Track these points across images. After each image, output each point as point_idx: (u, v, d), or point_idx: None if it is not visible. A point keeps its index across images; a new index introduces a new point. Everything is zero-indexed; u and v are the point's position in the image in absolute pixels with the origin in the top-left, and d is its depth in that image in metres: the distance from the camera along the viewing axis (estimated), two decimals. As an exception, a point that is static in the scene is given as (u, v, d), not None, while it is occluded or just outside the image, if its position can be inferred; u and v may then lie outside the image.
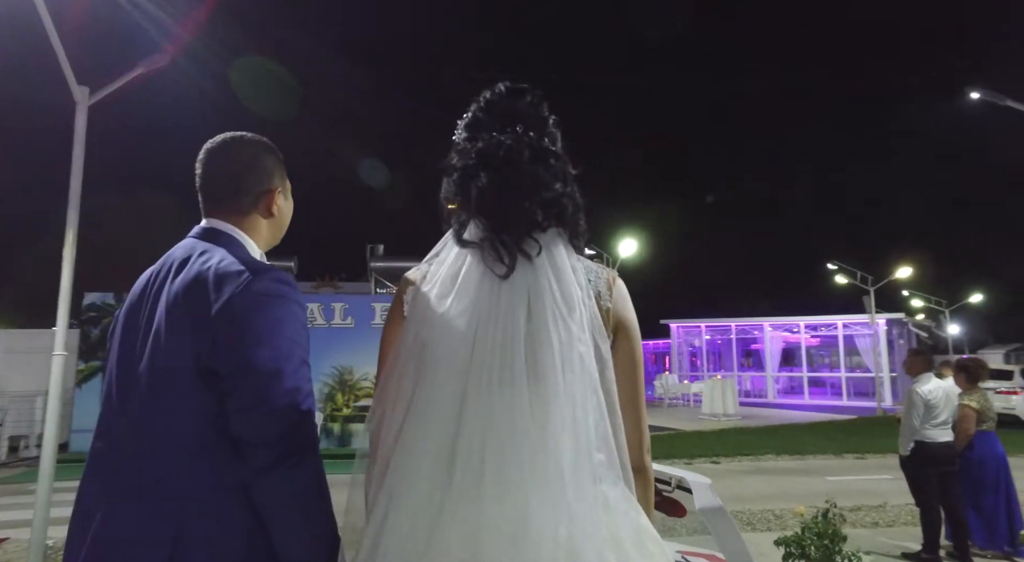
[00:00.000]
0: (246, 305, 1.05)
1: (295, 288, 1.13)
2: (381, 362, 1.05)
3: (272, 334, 1.05)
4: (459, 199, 1.05)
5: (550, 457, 0.88)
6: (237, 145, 1.26)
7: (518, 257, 0.97)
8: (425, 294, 1.01)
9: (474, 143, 1.05)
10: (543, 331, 0.93)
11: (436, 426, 0.91)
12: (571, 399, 0.91)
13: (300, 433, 1.03)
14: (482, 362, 0.92)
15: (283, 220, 1.34)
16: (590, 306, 1.00)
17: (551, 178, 1.02)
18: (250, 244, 1.25)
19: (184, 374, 1.04)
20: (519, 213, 0.99)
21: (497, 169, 1.01)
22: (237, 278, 1.07)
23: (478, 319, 0.94)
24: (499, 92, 1.10)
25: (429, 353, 0.95)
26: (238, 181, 1.24)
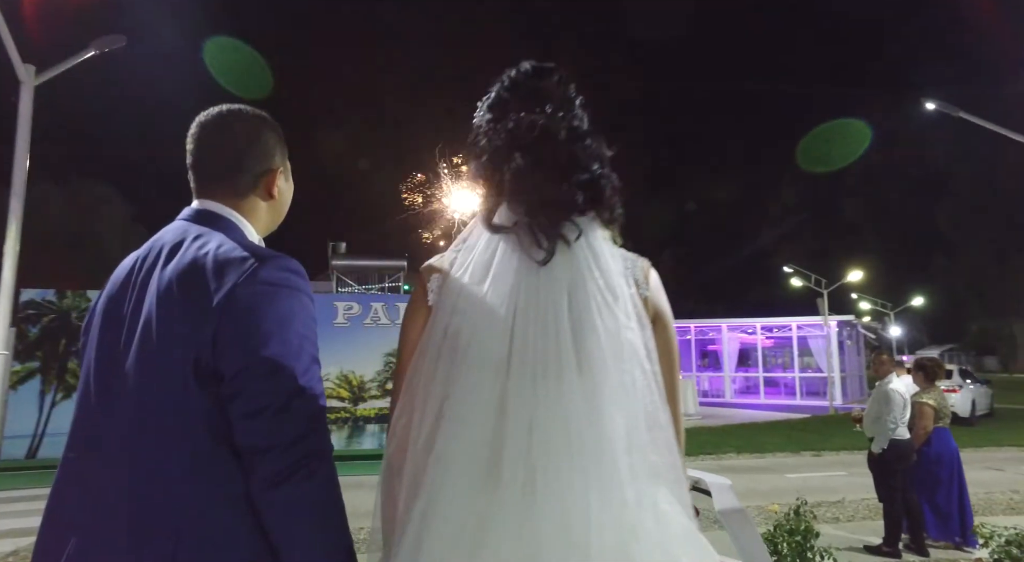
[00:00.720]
0: (252, 296, 0.94)
1: (305, 278, 1.02)
2: (403, 356, 0.97)
3: (282, 329, 0.94)
4: (488, 182, 0.97)
5: (605, 456, 0.82)
6: (235, 118, 1.14)
7: (557, 242, 0.90)
8: (455, 282, 0.93)
9: (501, 123, 0.98)
10: (587, 319, 0.87)
11: (476, 426, 0.84)
12: (623, 391, 0.86)
13: (314, 438, 0.92)
14: (523, 354, 0.85)
15: (283, 204, 1.22)
16: (632, 294, 0.94)
17: (588, 159, 0.96)
18: (248, 229, 1.13)
19: (179, 374, 0.93)
20: (557, 195, 0.93)
21: (532, 149, 0.94)
22: (241, 265, 0.96)
23: (515, 308, 0.88)
24: (525, 71, 1.04)
25: (463, 345, 0.88)
26: (236, 159, 1.12)
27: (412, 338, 0.97)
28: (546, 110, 0.97)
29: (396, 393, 0.97)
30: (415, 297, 1.00)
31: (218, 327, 0.92)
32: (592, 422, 0.84)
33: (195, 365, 0.92)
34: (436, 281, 0.97)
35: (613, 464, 0.83)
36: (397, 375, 0.98)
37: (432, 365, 0.91)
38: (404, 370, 0.97)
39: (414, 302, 1.00)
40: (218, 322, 0.92)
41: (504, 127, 0.97)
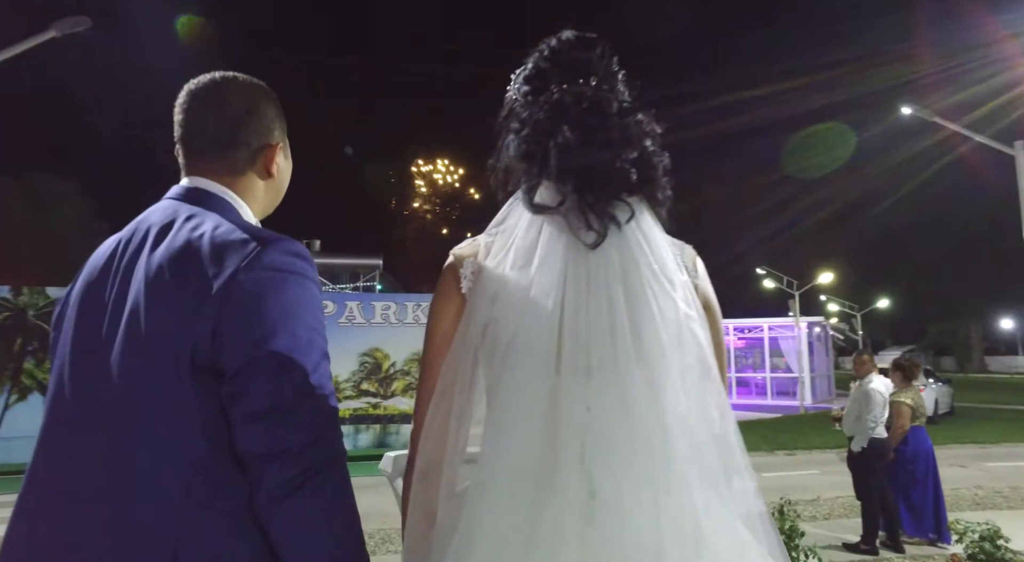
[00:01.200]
0: (256, 283, 0.83)
1: (312, 263, 0.92)
2: (432, 351, 0.87)
3: (290, 320, 0.83)
4: (528, 159, 0.88)
5: (673, 459, 0.74)
6: (231, 87, 1.02)
7: (609, 223, 0.82)
8: (494, 268, 0.84)
9: (544, 95, 0.89)
10: (644, 307, 0.79)
11: (526, 428, 0.75)
12: (686, 386, 0.78)
13: (326, 442, 0.82)
14: (575, 347, 0.77)
15: (282, 183, 1.11)
16: (686, 281, 0.87)
17: (641, 135, 0.87)
18: (245, 209, 1.02)
19: (173, 370, 0.81)
20: (610, 172, 0.84)
21: (580, 122, 0.85)
22: (242, 249, 0.85)
23: (563, 295, 0.79)
24: (567, 40, 0.95)
25: (506, 338, 0.79)
26: (233, 132, 1.00)
27: (443, 330, 0.88)
28: (590, 83, 0.89)
29: (425, 392, 0.87)
30: (444, 286, 0.91)
31: (218, 317, 0.81)
32: (657, 420, 0.76)
33: (191, 360, 0.81)
34: (470, 267, 0.88)
35: (681, 467, 0.76)
36: (426, 372, 0.88)
37: (470, 360, 0.83)
38: (434, 366, 0.87)
39: (444, 291, 0.90)
40: (218, 312, 0.81)
41: (547, 99, 0.88)
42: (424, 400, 0.87)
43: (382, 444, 10.71)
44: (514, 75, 0.98)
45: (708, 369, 0.83)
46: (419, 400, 0.88)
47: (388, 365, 11.22)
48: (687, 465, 0.76)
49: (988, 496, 7.64)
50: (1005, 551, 4.40)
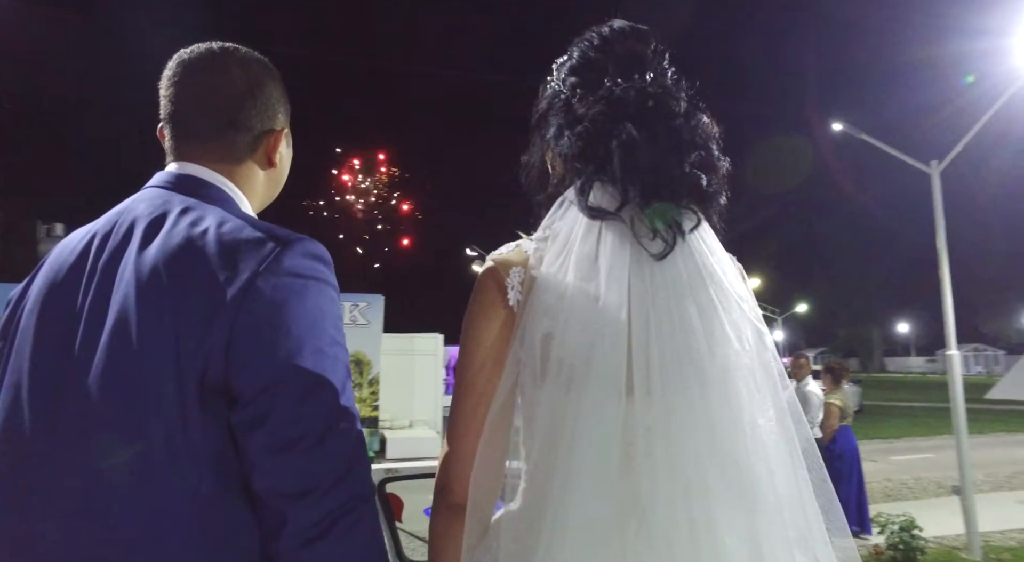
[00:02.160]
0: (278, 291, 0.71)
1: (332, 267, 0.80)
2: (472, 371, 0.78)
3: (316, 333, 0.72)
4: (583, 158, 0.81)
5: (765, 489, 0.69)
6: (232, 60, 0.89)
7: (677, 232, 0.76)
8: (550, 278, 0.76)
9: (601, 89, 0.82)
10: (717, 324, 0.74)
11: (600, 460, 0.67)
12: (766, 411, 0.74)
13: (358, 476, 0.72)
14: (647, 368, 0.70)
15: (282, 174, 0.97)
16: (749, 295, 0.82)
17: (708, 137, 0.82)
18: (244, 203, 0.89)
19: (175, 393, 0.68)
20: (680, 177, 0.78)
21: (646, 121, 0.78)
22: (258, 249, 0.73)
23: (630, 311, 0.72)
24: (620, 30, 0.88)
25: (569, 358, 0.71)
26: (233, 112, 0.87)
27: (486, 347, 0.78)
28: (645, 78, 0.83)
29: (466, 416, 0.77)
30: (485, 296, 0.81)
31: (233, 330, 0.69)
32: (749, 450, 0.71)
33: (200, 380, 0.68)
34: (517, 277, 0.79)
35: (775, 498, 0.72)
36: (465, 394, 0.78)
37: (526, 383, 0.74)
38: (475, 388, 0.78)
39: (485, 302, 0.80)
40: (233, 323, 0.69)
41: (607, 94, 0.81)
42: (466, 424, 0.77)
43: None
44: (556, 64, 0.91)
45: (785, 387, 0.79)
46: (459, 424, 0.78)
47: (324, 367, 10.79)
48: (780, 497, 0.72)
49: (896, 488, 8.27)
50: (919, 539, 4.77)
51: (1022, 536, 5.92)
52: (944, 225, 5.76)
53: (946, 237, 5.71)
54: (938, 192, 5.85)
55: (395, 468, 1.79)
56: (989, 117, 5.88)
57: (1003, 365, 39.29)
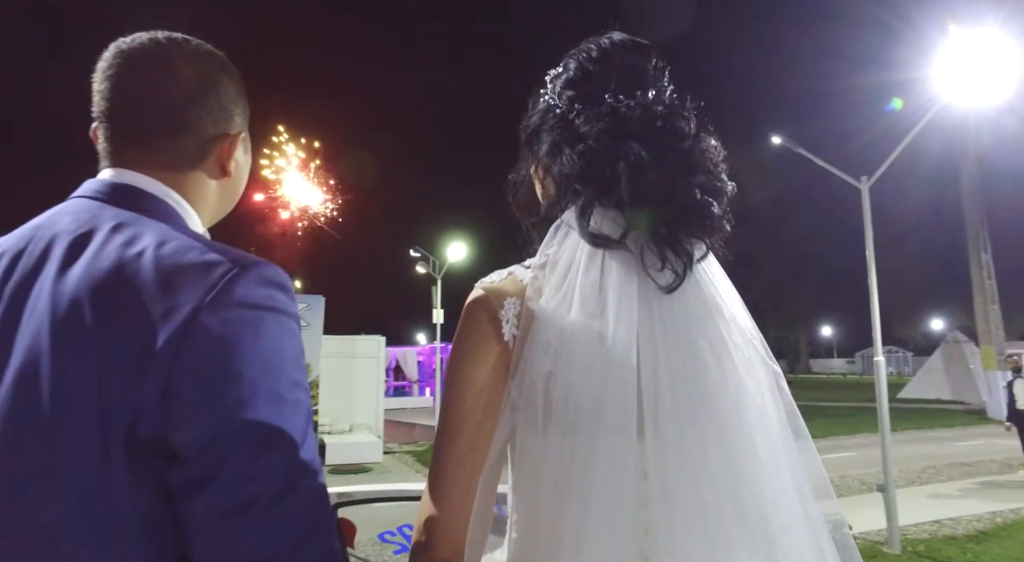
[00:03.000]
0: (227, 326, 0.60)
1: (292, 293, 0.70)
2: (461, 414, 0.70)
3: (272, 376, 0.62)
4: (585, 178, 0.74)
5: (792, 536, 0.65)
6: (179, 53, 0.76)
7: (687, 262, 0.71)
8: (550, 312, 0.69)
9: (598, 105, 0.76)
10: (728, 362, 0.69)
11: (615, 515, 0.62)
12: (788, 454, 0.70)
13: (321, 542, 0.62)
14: (659, 411, 0.65)
15: (238, 184, 0.85)
16: (753, 328, 0.78)
17: (715, 161, 0.77)
18: (192, 218, 0.76)
19: (97, 450, 0.57)
20: (693, 204, 0.72)
21: (654, 141, 0.73)
22: (204, 276, 0.62)
23: (638, 348, 0.66)
24: (620, 43, 0.81)
25: (574, 401, 0.65)
26: (179, 112, 0.75)
27: (477, 388, 0.70)
28: (648, 96, 0.77)
29: (453, 464, 0.69)
30: (476, 330, 0.72)
31: (172, 375, 0.58)
32: (767, 491, 0.67)
33: (128, 435, 0.57)
34: (512, 309, 0.71)
35: (795, 538, 0.68)
36: (449, 444, 0.70)
37: (521, 428, 0.67)
38: (464, 433, 0.69)
39: (475, 337, 0.72)
40: (172, 367, 0.58)
41: (609, 110, 0.75)
42: (452, 479, 0.68)
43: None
44: (550, 75, 0.84)
45: (799, 429, 0.76)
46: (445, 479, 0.69)
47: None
48: (805, 543, 0.68)
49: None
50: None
51: (934, 528, 6.37)
52: (872, 236, 6.11)
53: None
54: (867, 205, 6.19)
55: (347, 492, 1.68)
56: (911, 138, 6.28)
57: (911, 366, 42.49)
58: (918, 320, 48.68)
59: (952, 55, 5.86)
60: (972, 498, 7.65)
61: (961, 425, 15.10)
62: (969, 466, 9.80)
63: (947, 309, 41.86)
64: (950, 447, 11.67)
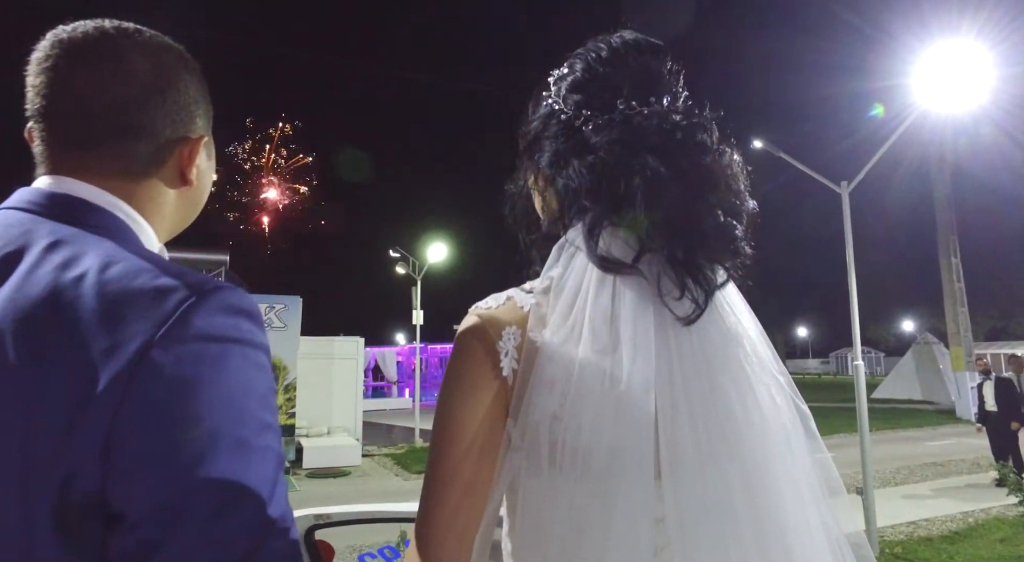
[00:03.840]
0: (183, 364, 0.52)
1: (260, 320, 0.61)
2: (455, 455, 0.62)
3: (236, 420, 0.53)
4: (594, 194, 0.67)
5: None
6: (131, 45, 0.66)
7: (709, 290, 0.64)
8: (558, 346, 0.61)
9: (608, 112, 0.69)
10: (752, 401, 0.63)
11: (632, 558, 0.55)
12: (814, 494, 0.65)
13: None
14: (677, 454, 0.58)
15: (201, 194, 0.76)
16: (774, 357, 0.72)
17: (739, 179, 0.70)
18: (147, 233, 0.67)
19: (17, 519, 0.48)
20: (716, 226, 0.65)
21: (672, 157, 0.66)
22: (156, 305, 0.53)
23: (656, 387, 0.59)
24: (633, 43, 0.74)
25: (585, 447, 0.58)
26: (132, 113, 0.65)
27: (472, 428, 0.62)
28: (663, 102, 0.70)
29: (444, 520, 0.61)
30: (471, 362, 0.65)
31: (115, 425, 0.49)
32: (792, 533, 0.62)
33: (58, 497, 0.48)
34: (512, 340, 0.63)
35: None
36: (442, 491, 0.62)
37: (520, 470, 0.59)
38: (457, 481, 0.61)
39: (470, 370, 0.64)
40: (115, 416, 0.49)
41: (622, 118, 0.67)
42: (446, 528, 0.60)
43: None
44: (554, 76, 0.76)
45: (823, 463, 0.70)
46: (437, 528, 0.61)
47: (234, 372, 10.09)
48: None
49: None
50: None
51: (909, 529, 6.46)
52: (852, 240, 6.17)
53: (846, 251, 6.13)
54: (847, 210, 6.25)
55: (325, 514, 1.59)
56: (890, 144, 6.35)
57: (883, 366, 43.46)
58: (890, 321, 49.87)
59: (929, 64, 5.95)
60: (945, 498, 7.80)
61: (932, 425, 15.44)
62: (941, 466, 10.00)
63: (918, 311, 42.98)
64: (922, 447, 11.91)
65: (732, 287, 0.70)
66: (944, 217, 18.76)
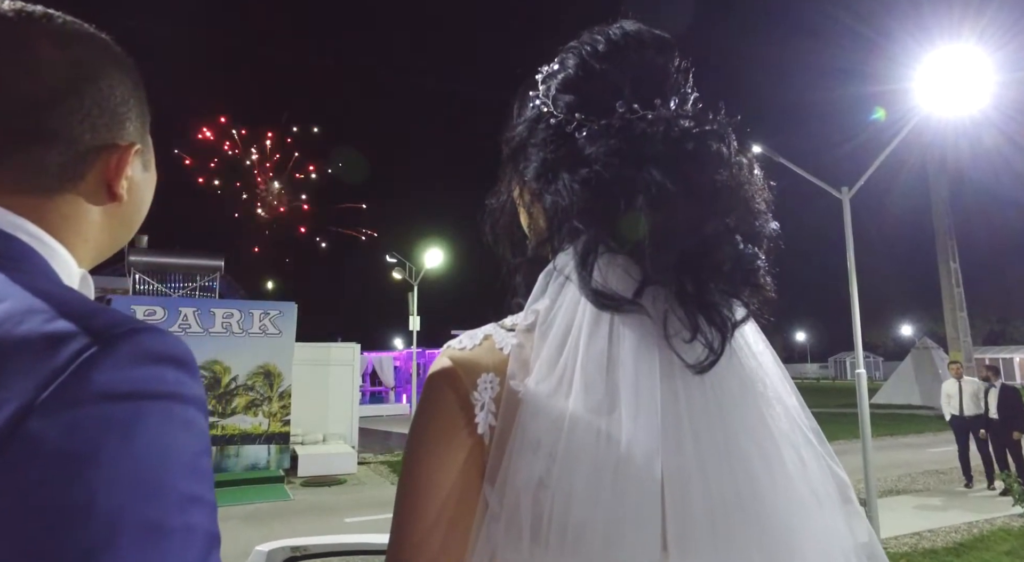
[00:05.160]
0: (76, 434, 0.41)
1: (190, 368, 0.51)
2: (421, 528, 0.52)
3: (152, 496, 0.42)
4: (586, 215, 0.57)
5: None
6: (38, 32, 0.56)
7: (727, 333, 0.54)
8: (543, 399, 0.51)
9: (601, 114, 0.59)
10: (775, 459, 0.52)
11: None
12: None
13: None
14: (688, 526, 0.48)
15: (136, 210, 0.65)
16: (799, 404, 0.61)
17: (760, 197, 0.60)
18: (62, 258, 0.57)
19: None
20: (732, 251, 0.55)
21: (681, 168, 0.56)
22: (47, 357, 0.43)
23: (663, 450, 0.49)
24: (635, 35, 0.63)
25: (577, 517, 0.47)
26: (38, 115, 0.55)
27: (441, 495, 0.52)
28: (670, 105, 0.60)
29: None
30: (440, 416, 0.55)
31: None
32: None
33: None
34: (489, 390, 0.53)
35: None
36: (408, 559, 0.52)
37: (507, 545, 0.49)
38: (422, 553, 0.52)
39: (439, 425, 0.55)
40: None
41: (621, 123, 0.57)
42: None
43: (219, 468, 9.45)
44: (543, 73, 0.65)
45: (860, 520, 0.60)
46: None
47: (228, 379, 9.98)
48: None
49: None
50: None
51: (913, 540, 6.34)
52: (853, 246, 6.08)
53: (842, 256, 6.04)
54: (848, 216, 6.16)
55: (302, 546, 1.48)
56: (891, 149, 6.28)
57: (882, 371, 43.37)
58: (888, 325, 49.89)
59: (930, 68, 5.88)
60: (948, 508, 7.69)
61: (932, 431, 15.33)
62: (943, 474, 9.90)
63: (916, 315, 42.96)
64: (923, 454, 11.80)
65: (751, 324, 0.60)
66: (941, 221, 18.71)
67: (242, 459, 9.79)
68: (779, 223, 0.61)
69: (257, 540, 5.14)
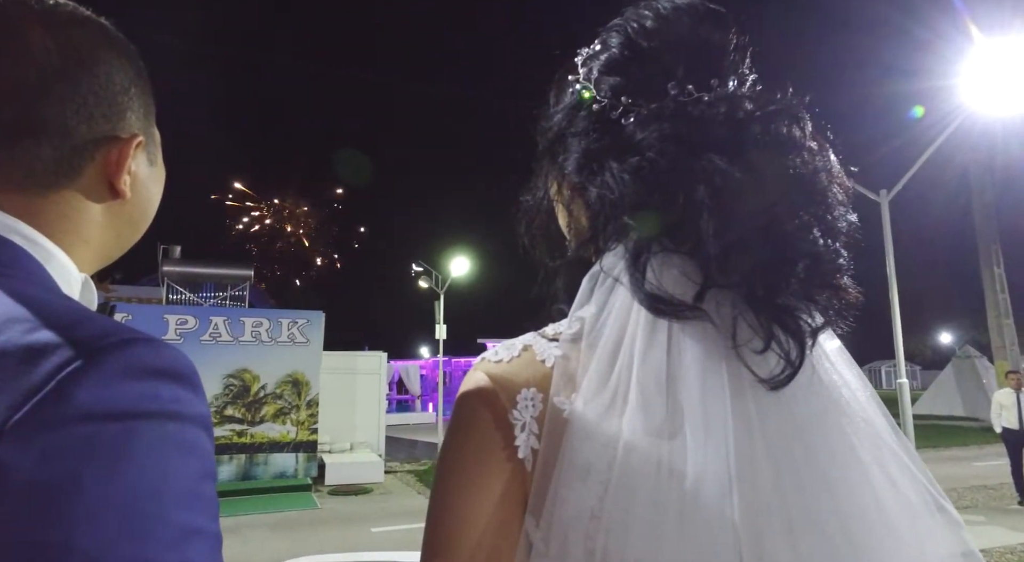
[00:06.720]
0: (54, 460, 0.36)
1: (189, 382, 0.45)
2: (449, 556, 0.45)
3: (140, 531, 0.37)
4: (637, 210, 0.50)
5: None
6: (27, 15, 0.51)
7: (806, 346, 0.46)
8: (594, 419, 0.44)
9: (651, 96, 0.52)
10: (862, 486, 0.45)
11: None
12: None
13: None
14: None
15: (143, 207, 0.60)
16: (887, 422, 0.53)
17: (839, 185, 0.53)
18: (58, 261, 0.52)
19: None
20: (810, 250, 0.48)
21: (746, 153, 0.49)
22: (23, 373, 0.37)
23: (733, 477, 0.42)
24: (688, 8, 0.56)
25: (635, 557, 0.40)
26: (27, 103, 0.50)
27: (478, 524, 0.46)
28: (728, 86, 0.53)
29: None
30: (473, 438, 0.48)
31: None
32: None
33: None
34: (530, 406, 0.47)
35: None
36: None
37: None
38: None
39: (474, 449, 0.48)
40: None
41: (675, 106, 0.51)
42: None
43: (248, 476, 9.54)
44: (583, 55, 0.59)
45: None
46: None
47: (257, 388, 10.10)
48: None
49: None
50: None
51: (963, 560, 6.03)
52: (892, 250, 5.85)
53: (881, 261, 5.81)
54: (887, 219, 5.94)
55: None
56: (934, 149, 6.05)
57: (919, 380, 41.87)
58: (926, 333, 48.29)
59: (977, 64, 5.63)
60: (1001, 526, 7.29)
61: (977, 444, 14.68)
62: (992, 489, 9.43)
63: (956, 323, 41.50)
64: (969, 468, 11.28)
65: (828, 333, 0.52)
66: (985, 225, 18.02)
67: (270, 467, 9.87)
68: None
69: (284, 550, 5.12)
